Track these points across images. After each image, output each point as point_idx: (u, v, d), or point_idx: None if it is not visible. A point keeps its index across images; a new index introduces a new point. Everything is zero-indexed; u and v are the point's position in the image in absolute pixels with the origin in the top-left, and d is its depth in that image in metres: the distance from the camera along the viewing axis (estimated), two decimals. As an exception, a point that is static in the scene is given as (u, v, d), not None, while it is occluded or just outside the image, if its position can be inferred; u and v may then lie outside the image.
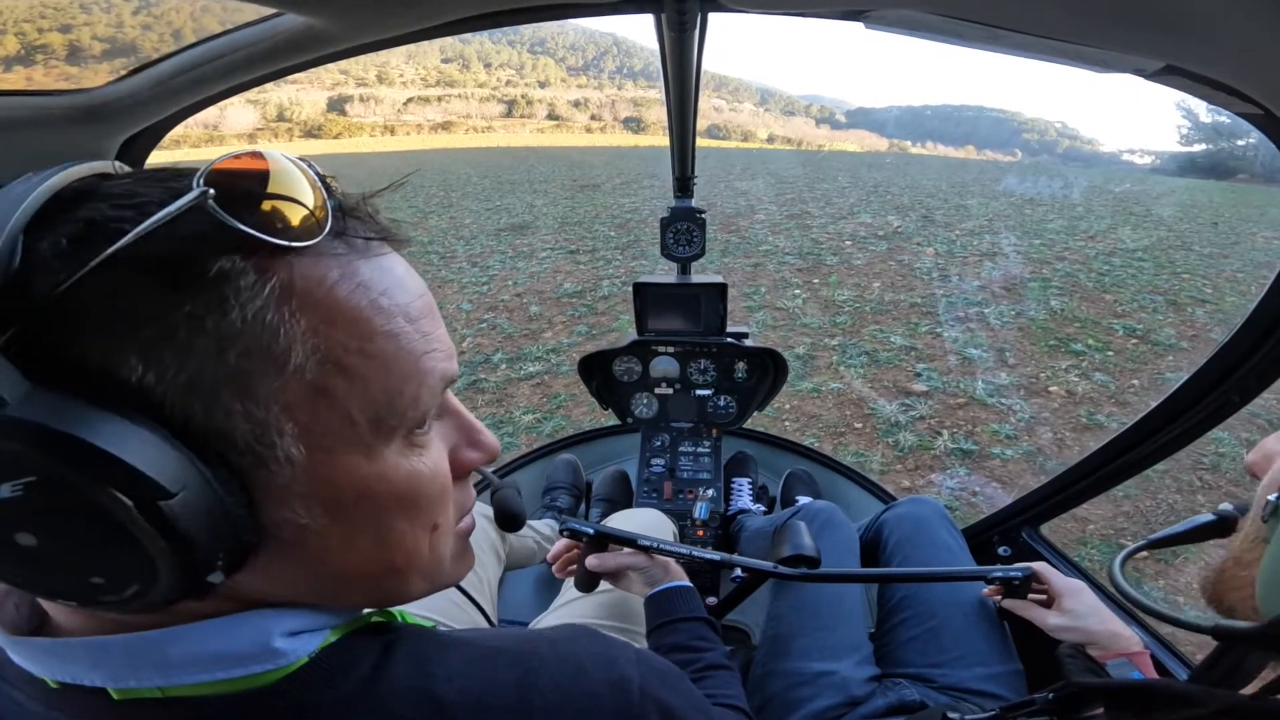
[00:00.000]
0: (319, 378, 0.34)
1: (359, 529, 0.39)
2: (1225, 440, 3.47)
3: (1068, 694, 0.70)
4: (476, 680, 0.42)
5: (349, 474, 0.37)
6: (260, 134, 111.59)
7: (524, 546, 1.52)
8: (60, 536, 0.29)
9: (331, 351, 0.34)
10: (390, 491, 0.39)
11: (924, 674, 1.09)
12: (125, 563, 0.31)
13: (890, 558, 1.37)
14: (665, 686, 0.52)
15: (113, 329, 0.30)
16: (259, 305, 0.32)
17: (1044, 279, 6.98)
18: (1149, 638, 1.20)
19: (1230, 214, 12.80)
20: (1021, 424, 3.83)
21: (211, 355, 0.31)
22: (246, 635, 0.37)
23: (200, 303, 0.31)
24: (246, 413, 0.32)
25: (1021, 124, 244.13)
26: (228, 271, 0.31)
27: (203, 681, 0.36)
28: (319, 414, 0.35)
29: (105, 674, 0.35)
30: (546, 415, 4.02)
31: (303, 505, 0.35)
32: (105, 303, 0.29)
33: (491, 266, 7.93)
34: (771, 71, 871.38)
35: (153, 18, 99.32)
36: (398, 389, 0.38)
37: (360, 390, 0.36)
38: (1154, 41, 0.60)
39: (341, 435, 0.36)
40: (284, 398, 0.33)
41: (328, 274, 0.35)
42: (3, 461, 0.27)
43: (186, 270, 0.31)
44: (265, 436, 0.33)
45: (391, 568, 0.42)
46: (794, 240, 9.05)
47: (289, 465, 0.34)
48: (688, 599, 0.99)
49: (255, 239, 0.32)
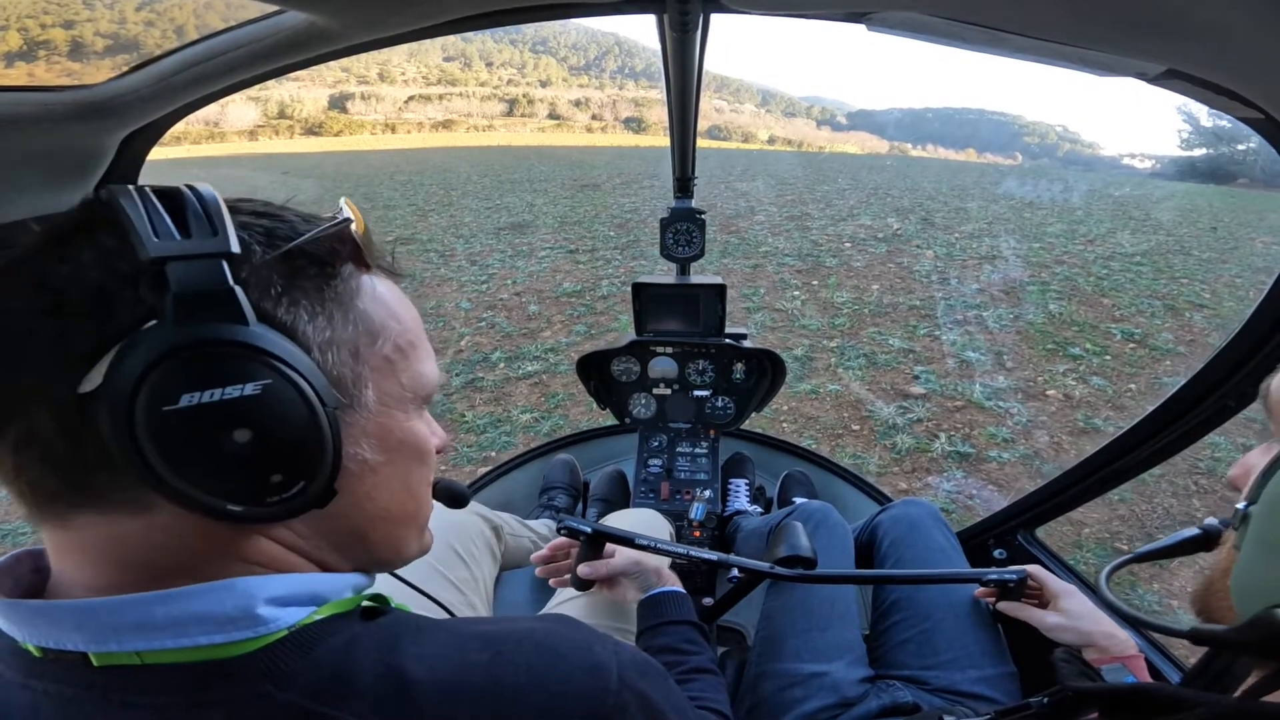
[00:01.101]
0: (391, 353, 0.48)
1: (396, 470, 0.50)
2: (1221, 445, 3.48)
3: (1062, 699, 0.70)
4: (447, 660, 0.44)
5: (398, 424, 0.49)
6: (261, 131, 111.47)
7: (520, 547, 1.52)
8: (270, 432, 0.38)
9: (397, 337, 0.48)
10: (415, 443, 0.51)
11: (917, 676, 1.10)
12: (302, 457, 0.40)
13: (884, 559, 1.37)
14: (645, 679, 0.51)
15: (291, 296, 0.41)
16: (365, 296, 0.47)
17: (1042, 283, 6.99)
18: (1142, 642, 1.21)
19: (1229, 219, 12.82)
20: (1019, 427, 3.84)
21: (342, 324, 0.44)
22: (231, 599, 0.40)
23: (336, 289, 0.44)
24: (353, 367, 0.45)
25: (1022, 127, 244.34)
26: (349, 273, 0.46)
27: (183, 646, 0.39)
28: (387, 378, 0.48)
29: (87, 636, 0.38)
30: (544, 414, 4.03)
31: (368, 443, 0.47)
32: (288, 278, 0.42)
33: (491, 265, 7.93)
34: (773, 73, 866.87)
35: (155, 14, 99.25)
36: (425, 370, 0.51)
37: (408, 367, 0.49)
38: (1156, 45, 0.60)
39: (396, 395, 0.49)
40: (373, 362, 0.46)
41: (391, 288, 0.51)
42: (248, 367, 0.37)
43: (330, 267, 0.44)
44: (359, 385, 0.45)
45: (407, 513, 0.53)
46: (793, 242, 9.06)
47: (366, 410, 0.46)
48: (679, 603, 0.99)
49: (360, 255, 0.47)
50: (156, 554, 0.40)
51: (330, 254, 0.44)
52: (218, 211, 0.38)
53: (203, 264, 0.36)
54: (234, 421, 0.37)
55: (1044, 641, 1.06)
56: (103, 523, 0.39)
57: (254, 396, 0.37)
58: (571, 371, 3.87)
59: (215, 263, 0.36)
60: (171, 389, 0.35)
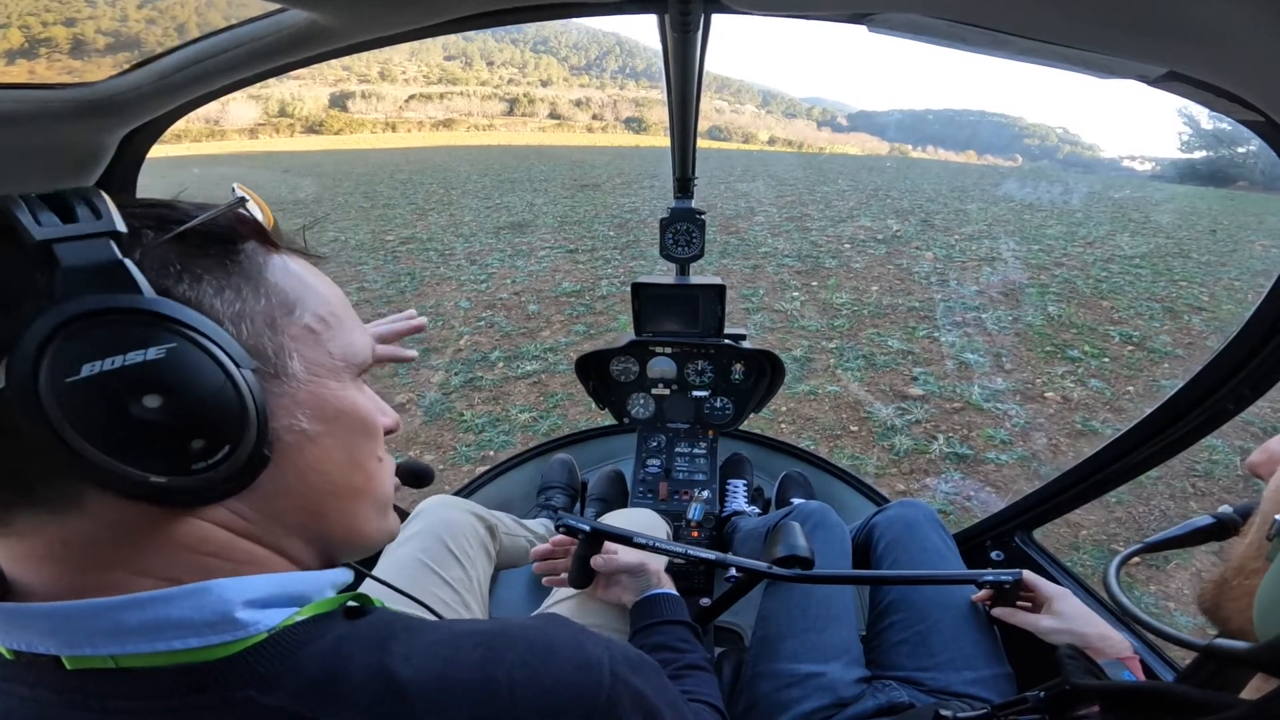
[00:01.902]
0: (312, 323, 0.48)
1: (337, 441, 0.49)
2: (1219, 448, 3.49)
3: (1059, 693, 0.70)
4: (437, 660, 0.44)
5: (332, 392, 0.48)
6: (262, 129, 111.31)
7: (516, 546, 1.52)
8: (182, 395, 0.38)
9: (317, 308, 0.48)
10: (355, 412, 0.50)
11: (913, 677, 1.10)
12: (222, 419, 0.39)
13: (880, 560, 1.38)
14: (638, 674, 0.51)
15: (192, 272, 0.42)
16: (273, 271, 0.47)
17: (1041, 285, 7.00)
18: (1136, 640, 1.21)
19: (1229, 222, 12.84)
20: (1017, 429, 3.84)
21: (252, 296, 0.44)
22: (208, 603, 0.40)
23: (239, 263, 0.45)
24: (272, 337, 0.45)
25: (1023, 129, 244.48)
26: (252, 249, 0.46)
27: (158, 651, 0.38)
28: (312, 347, 0.47)
29: (60, 640, 0.38)
30: (543, 414, 4.03)
31: (303, 413, 0.46)
32: (187, 256, 0.42)
33: (490, 264, 7.93)
34: (774, 73, 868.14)
35: (157, 11, 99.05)
36: (352, 340, 0.51)
37: (333, 336, 0.49)
38: (1157, 48, 0.60)
39: (327, 365, 0.48)
40: (293, 332, 0.46)
41: (301, 263, 0.51)
42: (149, 331, 0.37)
43: (231, 245, 0.45)
44: (281, 355, 0.45)
45: (355, 486, 0.51)
46: (793, 242, 9.06)
47: (294, 380, 0.46)
48: (673, 605, 1.01)
49: (265, 233, 0.48)
50: (101, 551, 0.40)
51: (230, 233, 0.45)
52: (100, 200, 0.38)
53: (89, 243, 0.37)
54: (141, 387, 0.37)
55: (1039, 642, 1.06)
56: (41, 524, 0.39)
57: (158, 360, 0.37)
58: (570, 371, 3.87)
59: (103, 241, 0.37)
60: (72, 360, 0.35)
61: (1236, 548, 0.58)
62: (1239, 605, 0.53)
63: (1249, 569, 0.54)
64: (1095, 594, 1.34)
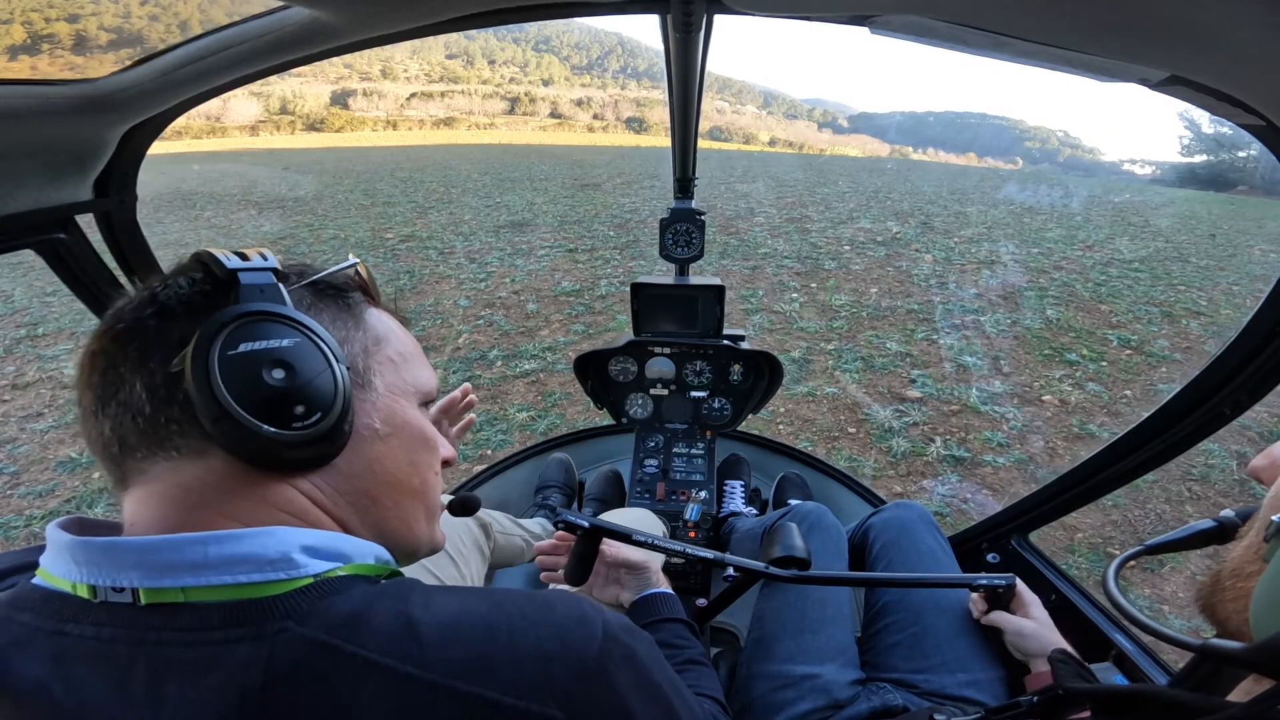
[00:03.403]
0: (393, 356, 0.62)
1: (401, 445, 0.61)
2: (1216, 452, 3.49)
3: (1052, 697, 0.70)
4: (449, 607, 0.50)
5: (402, 409, 0.61)
6: (263, 126, 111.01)
7: (512, 545, 1.52)
8: (298, 372, 0.50)
9: (399, 347, 0.63)
10: (418, 427, 0.63)
11: (907, 679, 1.10)
12: (320, 395, 0.51)
13: (875, 562, 1.38)
14: (632, 637, 0.56)
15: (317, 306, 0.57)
16: (372, 317, 0.62)
17: (1040, 288, 7.01)
18: (1129, 643, 1.21)
19: (1228, 226, 12.86)
20: (1014, 432, 3.85)
21: (354, 330, 0.59)
22: (274, 543, 0.49)
23: (350, 309, 0.60)
24: (364, 359, 0.59)
25: (1024, 132, 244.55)
26: (357, 299, 0.62)
27: (225, 584, 0.46)
28: (391, 374, 0.61)
29: (143, 572, 0.46)
30: (541, 413, 4.02)
31: (378, 417, 0.59)
32: (314, 295, 0.58)
33: (490, 263, 7.93)
34: (775, 75, 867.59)
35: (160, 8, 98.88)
36: (422, 375, 0.65)
37: (408, 369, 0.63)
38: (1159, 52, 0.60)
39: (400, 387, 0.62)
40: (378, 358, 0.60)
41: (394, 320, 0.66)
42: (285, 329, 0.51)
43: (345, 294, 0.61)
44: (369, 372, 0.59)
45: (413, 488, 0.63)
46: (793, 244, 9.07)
47: (375, 392, 0.59)
48: (671, 604, 1.03)
49: (368, 290, 0.65)
50: (208, 496, 0.50)
51: (345, 285, 0.62)
52: (268, 252, 0.55)
53: (259, 274, 0.53)
54: (272, 362, 0.50)
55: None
56: (170, 469, 0.50)
57: (287, 347, 0.51)
58: (569, 370, 3.87)
59: (266, 274, 0.53)
60: (235, 341, 0.48)
61: (1234, 549, 0.58)
62: (1235, 606, 0.54)
63: (1246, 570, 0.54)
64: (1090, 596, 1.35)
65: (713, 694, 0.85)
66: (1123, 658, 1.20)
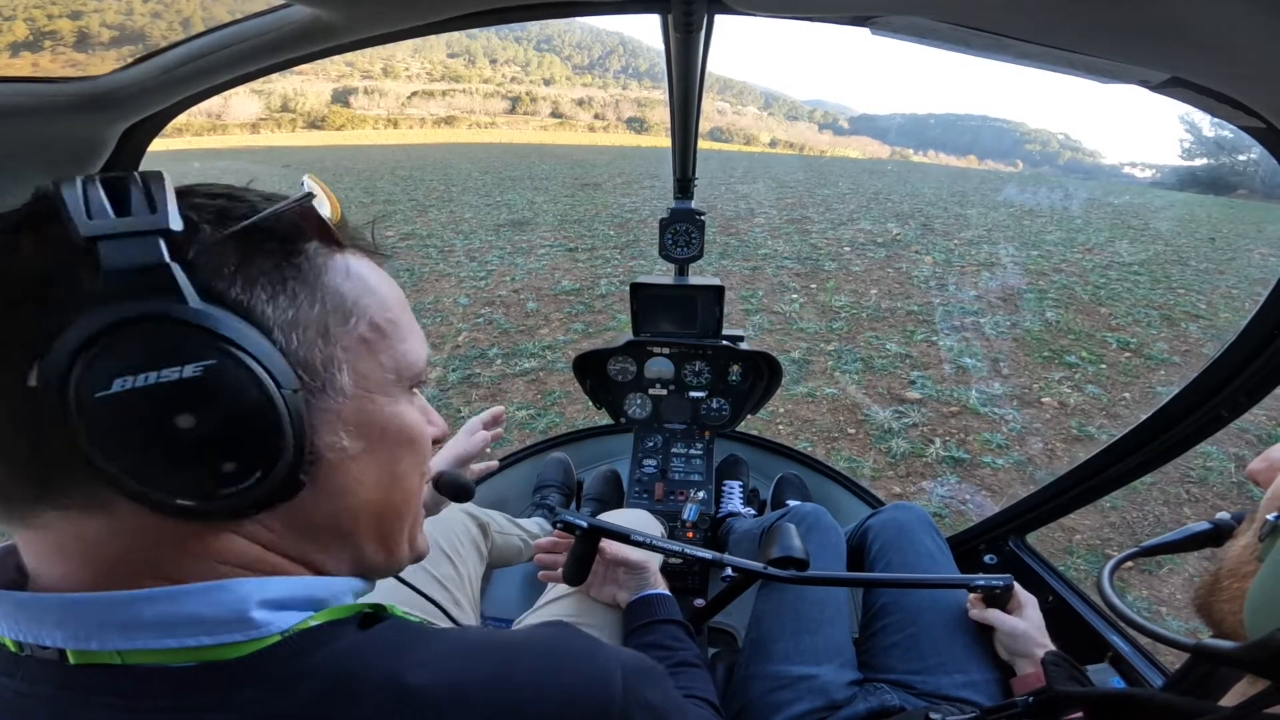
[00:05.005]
0: (366, 332, 0.45)
1: (379, 458, 0.47)
2: (1213, 454, 3.49)
3: (1046, 699, 0.71)
4: (449, 670, 0.43)
5: (379, 409, 0.46)
6: (264, 124, 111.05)
7: (510, 545, 1.52)
8: (215, 417, 0.36)
9: (374, 316, 0.46)
10: (402, 428, 0.48)
11: (904, 680, 1.10)
12: (256, 444, 0.37)
13: (873, 563, 1.38)
14: (647, 684, 0.52)
15: (245, 275, 0.39)
16: (332, 274, 0.44)
17: (1040, 290, 7.01)
18: (1126, 644, 1.22)
19: (1228, 229, 12.86)
20: (1013, 434, 3.85)
21: (308, 303, 0.42)
22: (225, 600, 0.39)
23: (299, 266, 0.42)
24: (323, 348, 0.42)
25: (1024, 134, 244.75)
26: (315, 250, 0.44)
27: (168, 647, 0.37)
28: (364, 359, 0.45)
29: (68, 633, 0.37)
30: (540, 412, 4.03)
31: (345, 430, 0.44)
32: (242, 257, 0.39)
33: (490, 262, 7.93)
34: (776, 76, 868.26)
35: (162, 5, 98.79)
36: (408, 350, 0.49)
37: (388, 347, 0.47)
38: (1160, 53, 0.60)
39: (376, 378, 0.46)
40: (345, 343, 0.44)
41: (364, 264, 0.48)
42: (188, 346, 0.35)
43: (292, 244, 0.42)
44: (330, 367, 0.43)
45: (394, 507, 0.50)
46: (793, 245, 9.07)
47: (341, 395, 0.44)
48: (667, 605, 1.03)
49: (329, 232, 0.45)
50: (124, 554, 0.38)
51: (293, 231, 0.42)
52: (160, 190, 0.36)
53: (137, 241, 0.34)
54: (173, 406, 0.34)
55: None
56: (67, 522, 0.37)
57: (194, 379, 0.35)
58: (568, 369, 3.88)
59: (151, 240, 0.34)
60: (103, 373, 0.33)
61: (1230, 550, 0.58)
62: (1231, 606, 0.54)
63: (1242, 571, 0.54)
64: (1087, 598, 1.35)
65: (706, 696, 0.85)
66: (1119, 659, 1.20)
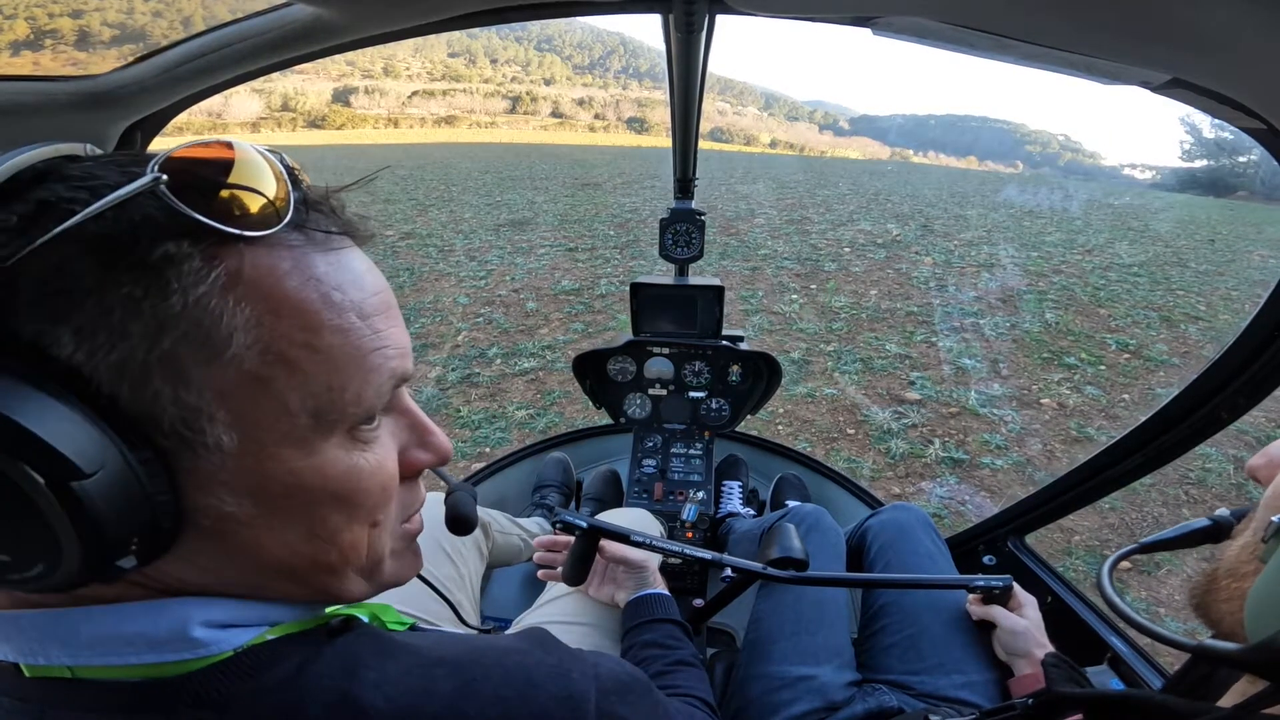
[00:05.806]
0: (259, 367, 0.34)
1: (289, 522, 0.38)
2: (1213, 456, 3.50)
3: (1046, 700, 0.71)
4: (408, 689, 0.40)
5: (282, 465, 0.36)
6: (264, 123, 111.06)
7: (510, 545, 1.52)
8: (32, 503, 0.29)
9: (275, 342, 0.34)
10: (325, 486, 0.38)
11: (903, 680, 1.10)
12: (33, 541, 0.30)
13: (873, 564, 1.38)
14: (625, 701, 0.49)
15: (49, 306, 0.30)
16: (202, 291, 0.32)
17: (1040, 292, 7.01)
18: (1125, 645, 1.22)
19: (1228, 231, 12.88)
20: (1012, 435, 3.85)
21: (146, 337, 0.31)
22: (164, 621, 0.36)
23: (140, 285, 0.31)
24: (176, 397, 0.32)
25: (1024, 136, 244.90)
26: (173, 256, 0.31)
27: (113, 664, 0.35)
28: (255, 403, 0.34)
29: (15, 647, 0.35)
30: (540, 411, 4.02)
31: (230, 494, 0.35)
32: (46, 280, 0.29)
33: (490, 261, 7.92)
34: (777, 76, 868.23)
35: (164, 4, 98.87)
36: (341, 384, 0.37)
37: (301, 383, 0.35)
38: (1161, 54, 0.60)
39: (277, 426, 0.35)
40: (219, 384, 0.33)
41: (279, 264, 0.35)
42: None
43: (130, 252, 0.31)
44: (194, 422, 0.33)
45: (324, 563, 0.41)
46: (793, 245, 9.07)
47: (218, 452, 0.34)
48: (665, 605, 1.03)
49: (206, 226, 0.32)
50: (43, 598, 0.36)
51: (139, 232, 0.31)
52: None
53: None
54: None
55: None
56: None
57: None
58: (568, 369, 3.87)
59: None
60: None
61: (1229, 549, 0.58)
62: (1230, 607, 0.53)
63: (1241, 571, 0.54)
64: (1086, 599, 1.35)
65: (700, 695, 0.85)
66: (1118, 660, 1.20)
